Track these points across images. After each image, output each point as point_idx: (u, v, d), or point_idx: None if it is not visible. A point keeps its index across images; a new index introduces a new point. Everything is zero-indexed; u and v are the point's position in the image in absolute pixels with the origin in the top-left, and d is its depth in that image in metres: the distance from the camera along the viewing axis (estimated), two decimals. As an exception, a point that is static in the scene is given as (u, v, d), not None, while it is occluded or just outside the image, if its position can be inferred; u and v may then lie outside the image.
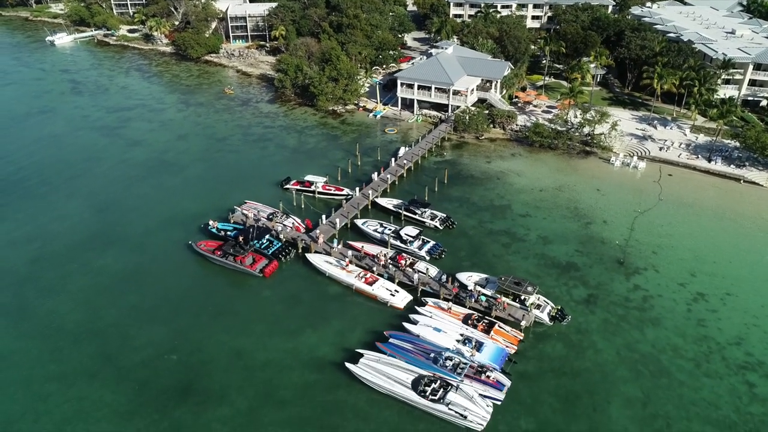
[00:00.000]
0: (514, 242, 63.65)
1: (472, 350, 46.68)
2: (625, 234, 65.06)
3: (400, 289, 54.50)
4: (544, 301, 52.88)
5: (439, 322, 49.90)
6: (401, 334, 48.90)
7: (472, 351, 46.59)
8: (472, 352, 46.47)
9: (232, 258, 57.69)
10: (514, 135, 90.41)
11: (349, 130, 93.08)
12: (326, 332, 50.24)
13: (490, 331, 49.04)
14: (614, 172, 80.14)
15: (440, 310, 51.58)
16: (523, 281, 52.98)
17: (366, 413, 42.78)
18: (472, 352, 46.57)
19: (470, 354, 46.32)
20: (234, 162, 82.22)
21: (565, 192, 74.21)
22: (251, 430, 41.45)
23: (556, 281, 57.00)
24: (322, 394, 44.31)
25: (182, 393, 44.34)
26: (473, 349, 46.78)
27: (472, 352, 46.53)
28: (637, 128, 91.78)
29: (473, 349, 46.78)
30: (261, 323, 51.50)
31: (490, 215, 68.87)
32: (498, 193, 73.91)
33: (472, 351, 46.59)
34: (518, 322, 50.37)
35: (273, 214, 65.57)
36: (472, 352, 46.57)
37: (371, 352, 46.72)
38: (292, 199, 70.61)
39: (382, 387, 43.69)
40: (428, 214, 66.46)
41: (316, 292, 55.71)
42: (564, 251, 61.84)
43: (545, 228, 66.16)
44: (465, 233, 65.34)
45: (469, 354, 46.36)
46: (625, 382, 45.63)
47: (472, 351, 46.59)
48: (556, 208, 70.33)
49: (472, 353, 46.33)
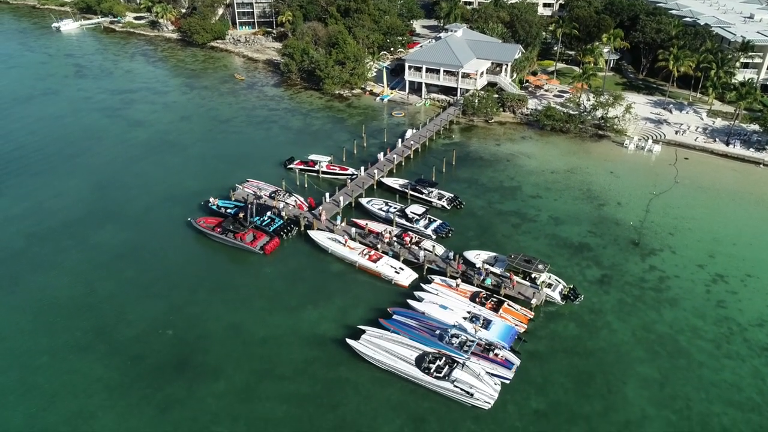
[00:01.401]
0: (524, 222, 61.39)
1: (480, 328, 44.55)
2: (640, 215, 62.59)
3: (405, 267, 52.41)
4: (556, 280, 50.63)
5: (446, 300, 47.78)
6: (405, 310, 46.83)
7: (479, 329, 44.46)
8: (479, 330, 44.35)
9: (232, 235, 55.85)
10: (525, 119, 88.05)
11: (355, 113, 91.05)
12: (328, 309, 48.26)
13: (499, 309, 46.86)
14: (628, 156, 77.59)
15: (447, 287, 49.45)
16: (534, 259, 50.74)
17: (368, 391, 40.77)
18: (479, 329, 44.45)
19: (477, 332, 44.21)
20: (237, 142, 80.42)
21: (577, 174, 71.82)
22: (248, 406, 39.56)
23: (568, 261, 54.69)
24: (322, 370, 42.34)
25: (177, 368, 42.52)
26: (481, 327, 44.65)
27: (479, 329, 44.40)
28: (652, 112, 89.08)
29: (481, 327, 44.65)
30: (260, 299, 49.62)
31: (500, 196, 66.64)
32: (508, 175, 71.65)
33: (479, 329, 44.46)
34: (528, 300, 48.15)
35: (275, 192, 63.68)
36: (479, 329, 44.45)
37: (374, 328, 44.69)
38: (295, 179, 68.74)
39: (384, 364, 41.65)
40: (435, 193, 64.32)
41: (318, 269, 53.76)
42: (576, 232, 59.52)
43: (557, 209, 63.86)
44: (473, 213, 63.17)
45: (476, 332, 44.26)
46: (642, 363, 43.30)
47: (479, 329, 44.46)
48: (568, 190, 67.99)
49: (476, 330, 44.17)
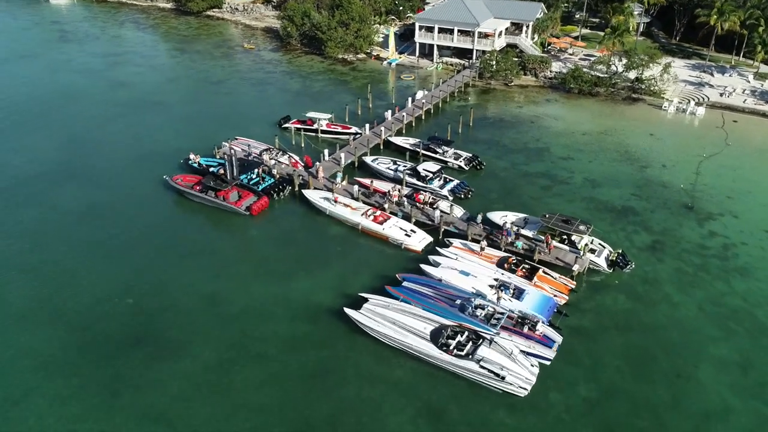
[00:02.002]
0: (555, 184, 52.66)
1: (503, 295, 35.94)
2: (690, 178, 53.73)
3: (418, 229, 43.85)
4: (600, 244, 41.91)
5: (468, 265, 39.21)
6: (418, 277, 38.24)
7: (503, 296, 35.85)
8: (502, 296, 35.76)
9: (213, 193, 47.41)
10: (548, 82, 79.13)
11: (360, 76, 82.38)
12: (324, 277, 39.76)
13: (533, 277, 38.19)
14: (668, 119, 68.64)
15: (469, 252, 40.85)
16: (573, 219, 42.01)
17: (370, 373, 32.25)
18: (502, 296, 35.84)
19: (499, 299, 35.61)
20: (228, 103, 71.91)
21: (612, 136, 63.02)
22: (218, 390, 31.06)
23: (612, 226, 45.91)
24: (314, 348, 33.86)
25: (134, 343, 34.04)
26: (510, 297, 36.08)
27: (503, 296, 35.80)
28: (691, 75, 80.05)
29: (510, 297, 36.08)
30: (243, 265, 41.18)
31: (525, 157, 57.93)
32: (532, 136, 62.93)
33: (503, 296, 35.85)
34: (568, 268, 39.46)
35: (267, 150, 55.21)
36: (502, 296, 35.84)
37: (378, 296, 36.19)
38: (291, 139, 60.39)
39: (391, 339, 33.14)
40: (451, 153, 55.68)
41: (314, 232, 45.27)
42: (617, 195, 50.75)
43: (592, 171, 55.12)
44: (495, 174, 54.51)
45: (499, 299, 35.66)
46: (716, 342, 34.57)
47: (503, 296, 35.85)
48: (603, 152, 59.24)
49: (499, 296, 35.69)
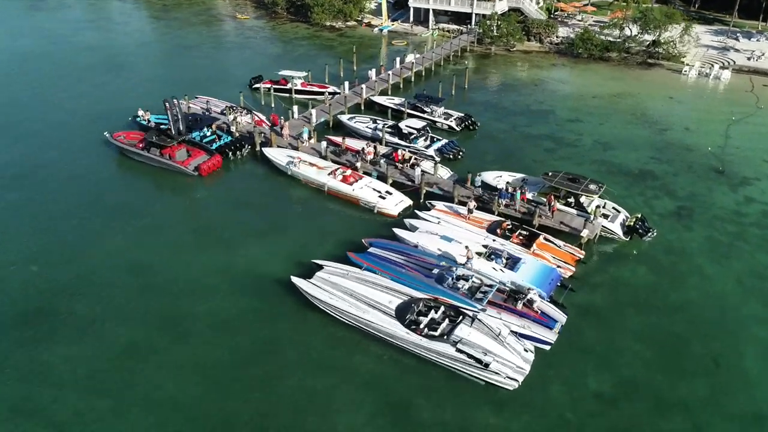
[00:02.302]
0: (560, 147, 45.35)
1: (503, 268, 28.80)
2: (719, 141, 46.26)
3: (395, 191, 36.73)
4: (614, 208, 34.63)
5: (451, 230, 32.06)
6: (388, 242, 31.06)
7: (499, 269, 28.71)
8: (471, 258, 28.62)
9: (157, 151, 40.53)
10: (555, 48, 71.68)
11: (348, 41, 74.91)
12: (279, 245, 32.62)
13: (532, 244, 30.94)
14: (689, 83, 61.06)
15: (454, 216, 33.69)
16: (581, 178, 34.73)
17: (319, 358, 25.14)
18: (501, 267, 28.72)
19: (467, 261, 28.47)
20: (200, 66, 64.80)
21: (626, 99, 55.60)
22: (125, 380, 24.13)
23: (627, 191, 38.53)
24: (253, 328, 26.74)
25: (28, 318, 27.11)
26: (504, 267, 28.89)
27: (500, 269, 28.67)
28: (713, 40, 72.39)
29: (504, 267, 28.89)
30: (181, 231, 34.13)
31: (526, 119, 50.62)
32: (536, 99, 55.60)
33: (499, 269, 28.71)
34: (576, 233, 32.16)
35: (229, 108, 48.21)
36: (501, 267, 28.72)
37: (335, 263, 29.07)
38: (261, 100, 53.40)
39: (345, 314, 25.99)
40: (440, 112, 48.43)
41: (273, 195, 38.19)
42: (634, 158, 43.37)
43: (603, 133, 47.77)
44: (492, 136, 47.26)
45: (467, 260, 28.51)
46: (762, 324, 27.27)
47: (499, 269, 28.71)
48: (617, 114, 51.87)
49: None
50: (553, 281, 28.34)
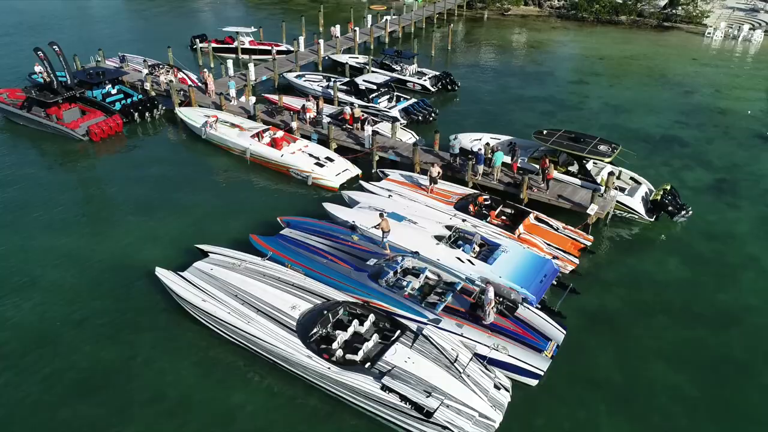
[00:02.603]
0: (561, 110, 36.18)
1: (473, 258, 19.72)
2: (760, 105, 37.06)
3: (338, 158, 27.63)
4: (632, 178, 25.48)
5: (404, 206, 22.97)
6: (313, 221, 21.96)
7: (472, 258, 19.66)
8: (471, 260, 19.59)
9: (42, 111, 31.53)
10: (556, 12, 62.52)
11: (317, 6, 65.98)
12: (169, 227, 23.40)
13: (518, 225, 21.79)
14: (713, 46, 51.69)
15: (413, 188, 24.61)
16: (589, 137, 25.61)
17: (181, 397, 16.18)
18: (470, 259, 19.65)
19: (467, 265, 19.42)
20: (138, 27, 55.86)
21: (640, 61, 46.38)
22: None
23: (648, 160, 29.29)
24: (92, 344, 17.50)
25: None
26: (475, 257, 19.82)
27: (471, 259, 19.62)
28: (739, 2, 63.10)
29: (475, 257, 19.82)
30: (44, 207, 25.11)
31: (519, 81, 41.47)
32: (532, 60, 46.47)
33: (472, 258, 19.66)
34: (581, 211, 22.99)
35: (155, 66, 39.19)
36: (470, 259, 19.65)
37: (228, 250, 20.02)
38: (201, 60, 44.34)
39: (221, 324, 16.98)
40: (412, 69, 39.37)
41: (180, 164, 28.99)
42: (654, 122, 34.21)
43: (614, 96, 38.57)
44: (475, 98, 38.12)
45: (467, 264, 19.46)
46: None
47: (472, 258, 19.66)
48: (629, 76, 42.69)
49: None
50: (546, 278, 19.24)
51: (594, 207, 21.96)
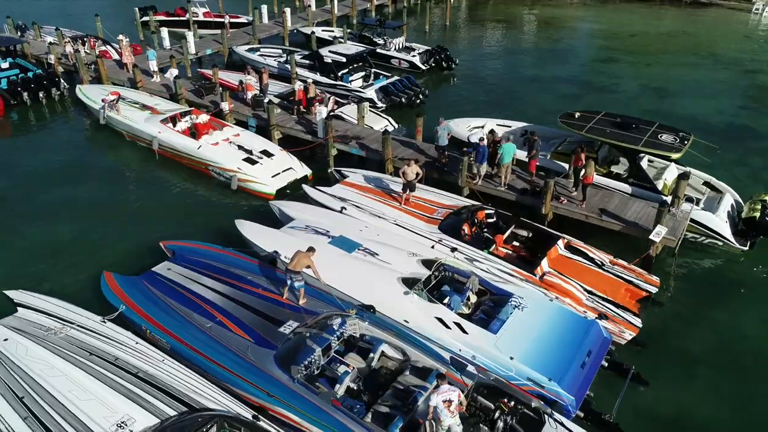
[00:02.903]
0: (587, 92, 28.00)
1: (463, 318, 11.69)
2: None
3: (279, 152, 19.52)
4: (707, 184, 17.28)
5: (361, 226, 14.92)
6: (208, 248, 13.81)
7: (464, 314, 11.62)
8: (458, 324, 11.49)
9: None
10: (573, -11, 54.43)
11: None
12: (15, 254, 15.74)
13: (539, 259, 13.63)
14: (764, 23, 43.58)
15: (379, 195, 16.53)
16: (643, 123, 17.51)
17: None
18: (455, 324, 11.60)
19: (444, 334, 11.39)
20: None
21: (680, 38, 38.30)
22: None
23: (714, 157, 20.72)
24: None
25: None
26: (469, 321, 11.81)
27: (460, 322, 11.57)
28: (786, -23, 54.76)
29: (469, 321, 11.81)
30: None
31: (533, 59, 33.39)
32: (548, 37, 38.47)
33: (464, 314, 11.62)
34: (637, 234, 14.89)
35: (78, 38, 31.30)
36: (455, 324, 11.60)
37: (56, 302, 11.89)
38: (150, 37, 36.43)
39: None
40: (398, 43, 31.31)
41: (66, 159, 20.97)
42: (713, 107, 25.97)
43: (656, 76, 30.34)
44: (479, 78, 29.98)
45: (454, 330, 11.43)
46: None
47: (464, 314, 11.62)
48: (670, 54, 34.50)
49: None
50: (591, 358, 11.07)
51: (662, 230, 13.77)
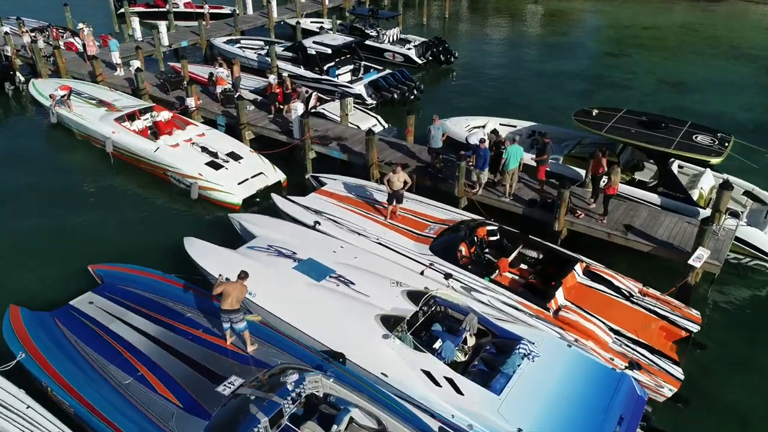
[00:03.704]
0: (599, 88, 25.39)
1: (456, 369, 9.19)
2: None
3: (250, 154, 16.92)
4: (749, 194, 14.62)
5: (336, 248, 12.39)
6: (143, 274, 11.17)
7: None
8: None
9: None
10: (579, -19, 51.79)
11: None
12: None
13: (554, 289, 11.13)
14: (785, 16, 41.07)
15: (358, 207, 13.99)
16: (675, 121, 14.93)
17: None
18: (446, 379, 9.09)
19: (431, 394, 8.88)
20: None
21: (696, 32, 35.64)
22: None
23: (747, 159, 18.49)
24: None
25: None
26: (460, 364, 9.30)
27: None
28: (804, -31, 52.12)
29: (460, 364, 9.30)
30: None
31: (539, 53, 30.84)
32: (555, 30, 35.91)
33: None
34: (677, 259, 12.33)
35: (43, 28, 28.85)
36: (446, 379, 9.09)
37: None
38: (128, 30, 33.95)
39: None
40: (392, 35, 28.73)
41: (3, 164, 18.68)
42: (740, 104, 23.34)
43: (673, 71, 27.75)
44: (478, 72, 27.39)
45: (445, 388, 8.92)
46: None
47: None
48: (687, 48, 31.90)
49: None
50: (624, 427, 8.52)
51: (704, 253, 11.16)
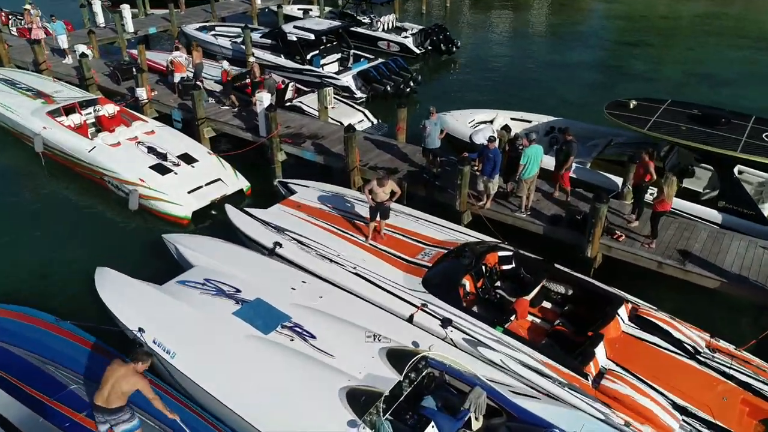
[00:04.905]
0: (620, 80, 22.39)
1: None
2: None
3: (207, 156, 13.79)
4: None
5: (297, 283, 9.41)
6: (32, 322, 8.03)
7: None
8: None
9: None
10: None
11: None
12: None
13: (592, 343, 8.22)
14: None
15: (333, 223, 11.06)
16: (737, 116, 11.89)
17: None
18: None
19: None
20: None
21: (720, 20, 32.67)
22: None
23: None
24: None
25: None
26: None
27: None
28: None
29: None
30: None
31: (550, 42, 27.95)
32: (566, 18, 33.04)
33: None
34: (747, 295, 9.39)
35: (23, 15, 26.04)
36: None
37: None
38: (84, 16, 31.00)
39: None
40: (388, 22, 25.74)
41: None
42: (783, 98, 20.64)
43: (701, 61, 24.78)
44: (483, 63, 24.40)
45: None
46: None
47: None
48: (713, 37, 28.95)
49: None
50: None
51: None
